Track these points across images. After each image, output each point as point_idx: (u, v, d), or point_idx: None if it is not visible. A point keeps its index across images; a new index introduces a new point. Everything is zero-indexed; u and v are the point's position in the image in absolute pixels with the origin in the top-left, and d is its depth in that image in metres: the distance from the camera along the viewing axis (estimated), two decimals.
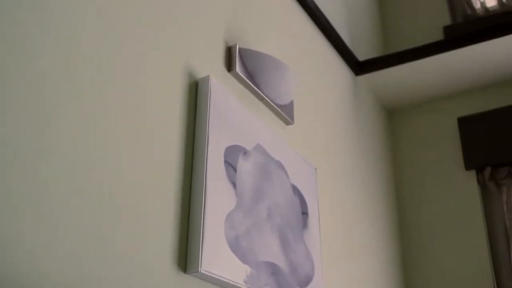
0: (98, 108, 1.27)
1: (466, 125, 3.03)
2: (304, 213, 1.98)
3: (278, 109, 2.00)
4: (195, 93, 1.62)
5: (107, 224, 1.22)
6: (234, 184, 1.62)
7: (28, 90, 1.11)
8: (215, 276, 1.44)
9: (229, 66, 1.82)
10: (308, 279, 1.89)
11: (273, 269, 1.70)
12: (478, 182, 2.95)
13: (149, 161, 1.38)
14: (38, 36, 1.16)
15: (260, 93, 1.91)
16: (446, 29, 3.24)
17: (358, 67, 2.94)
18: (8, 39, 1.09)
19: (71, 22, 1.25)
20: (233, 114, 1.71)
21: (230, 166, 1.63)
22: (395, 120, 3.29)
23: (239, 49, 1.85)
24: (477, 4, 3.33)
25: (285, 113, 2.04)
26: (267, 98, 1.94)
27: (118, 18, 1.40)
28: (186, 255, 1.42)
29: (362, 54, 3.00)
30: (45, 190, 1.10)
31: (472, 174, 2.97)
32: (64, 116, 1.18)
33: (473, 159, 2.96)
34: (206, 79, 1.63)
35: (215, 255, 1.46)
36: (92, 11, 1.32)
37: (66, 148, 1.17)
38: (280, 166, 1.91)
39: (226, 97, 1.70)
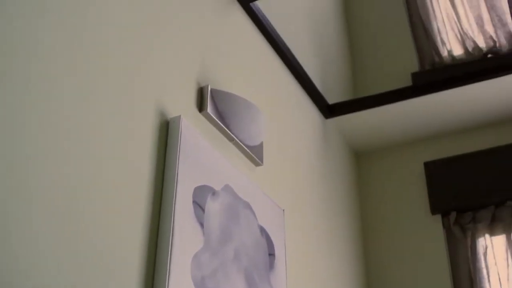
0: (70, 142, 1.27)
1: (432, 169, 3.09)
2: (271, 254, 1.98)
3: (247, 150, 2.02)
4: (166, 133, 1.63)
5: (74, 261, 1.21)
6: (202, 225, 1.62)
7: None
8: None
9: (201, 106, 1.84)
10: None
11: None
12: (444, 226, 2.99)
13: (117, 199, 1.38)
14: None
15: (230, 134, 1.93)
16: (414, 75, 3.32)
17: (328, 110, 2.98)
18: None
19: (47, 62, 1.26)
20: (203, 155, 1.72)
21: (199, 206, 1.63)
22: (363, 163, 3.34)
23: (211, 90, 1.87)
24: (444, 52, 3.41)
25: (255, 154, 2.06)
26: (237, 139, 1.96)
27: (92, 54, 1.41)
28: None
29: (332, 97, 3.04)
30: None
31: (438, 218, 3.01)
32: (39, 153, 1.18)
33: (438, 203, 3.00)
34: (177, 119, 1.64)
35: None
36: (66, 47, 1.33)
37: (39, 186, 1.16)
38: (248, 207, 1.92)
39: (197, 137, 1.71)
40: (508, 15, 3.28)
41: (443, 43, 3.43)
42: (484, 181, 2.95)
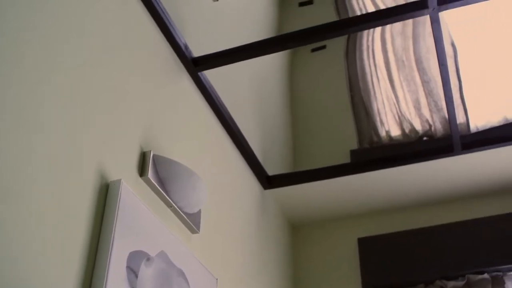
0: (6, 204, 1.26)
1: (366, 245, 3.14)
2: None
3: (185, 217, 2.02)
4: (105, 196, 1.63)
5: None
6: None
7: None
8: None
9: (142, 171, 1.85)
10: None
11: None
12: None
13: (51, 259, 1.36)
14: None
15: (170, 200, 1.94)
16: (353, 153, 3.41)
17: (267, 181, 3.02)
18: None
19: None
20: (140, 220, 1.72)
21: (132, 271, 1.62)
22: (299, 236, 3.37)
23: (154, 155, 1.89)
24: (382, 132, 3.53)
25: (192, 221, 2.06)
26: (175, 206, 1.96)
27: (35, 112, 1.41)
28: None
29: (272, 169, 3.09)
30: None
31: None
32: None
33: (370, 279, 3.04)
34: (118, 182, 1.65)
35: None
36: (7, 103, 1.33)
37: None
38: (182, 274, 1.91)
39: (136, 202, 1.71)
40: (444, 101, 3.44)
41: (382, 123, 3.55)
42: (416, 260, 3.02)
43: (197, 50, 2.31)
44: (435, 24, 2.20)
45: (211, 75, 2.41)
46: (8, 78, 1.34)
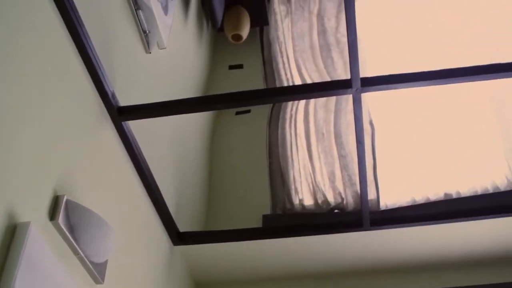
0: None
1: None
2: None
3: (91, 266, 1.98)
4: (10, 238, 1.58)
5: None
6: None
7: None
8: None
9: (53, 215, 1.81)
10: None
11: None
12: None
13: None
14: None
15: (77, 247, 1.89)
16: (265, 218, 3.45)
17: (177, 237, 3.00)
18: None
19: None
20: (45, 265, 1.67)
21: None
22: None
23: (67, 200, 1.85)
24: (296, 201, 3.60)
25: (97, 271, 2.02)
26: (82, 254, 1.92)
27: None
28: None
29: (184, 226, 3.08)
30: None
31: None
32: None
33: None
34: (26, 224, 1.60)
35: None
36: None
37: None
38: None
39: (42, 246, 1.67)
40: (357, 177, 3.56)
41: (297, 191, 3.63)
42: None
43: (124, 99, 2.32)
44: (357, 104, 2.30)
45: (135, 126, 2.41)
46: None
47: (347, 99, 3.81)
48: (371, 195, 3.52)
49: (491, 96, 3.93)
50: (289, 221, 3.46)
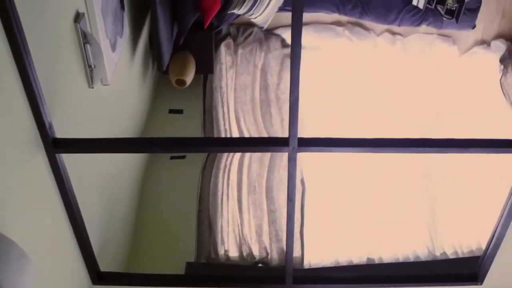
0: None
1: None
2: None
3: None
4: None
5: None
6: None
7: None
8: None
9: None
10: None
11: None
12: None
13: None
14: None
15: None
16: (188, 265, 3.43)
17: (97, 276, 2.94)
18: None
19: None
20: None
21: None
22: None
23: None
24: (221, 251, 3.60)
25: None
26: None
27: None
28: None
29: (105, 265, 3.02)
30: None
31: None
32: None
33: None
34: None
35: None
36: None
37: None
38: None
39: None
40: (284, 233, 3.59)
41: (223, 242, 3.63)
42: None
43: (61, 132, 2.29)
44: (292, 162, 2.35)
45: (68, 159, 2.38)
46: None
47: (282, 156, 3.88)
48: (296, 252, 3.56)
49: (422, 168, 4.08)
50: (212, 270, 3.45)
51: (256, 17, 3.90)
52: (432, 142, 2.39)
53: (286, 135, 2.26)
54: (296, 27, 2.00)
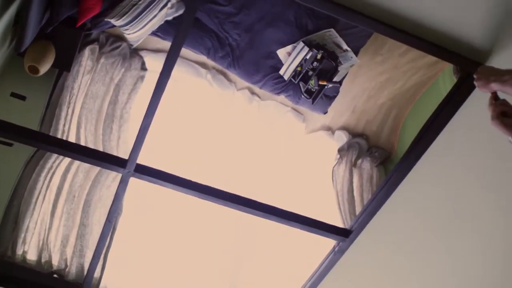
0: None
1: None
2: None
3: None
4: None
5: None
6: None
7: None
8: None
9: None
10: None
11: None
12: None
13: None
14: None
15: None
16: None
17: None
18: None
19: None
20: None
21: None
22: None
23: None
24: (19, 250, 3.43)
25: None
26: None
27: None
28: None
29: None
30: None
31: None
32: None
33: None
34: None
35: None
36: None
37: None
38: None
39: None
40: (91, 252, 3.50)
41: (24, 242, 3.46)
42: None
43: None
44: (122, 184, 2.34)
45: None
46: None
47: (109, 174, 3.80)
48: (96, 272, 3.49)
49: (240, 229, 4.22)
50: (4, 269, 3.27)
51: (130, 34, 3.87)
52: (260, 206, 2.50)
53: (120, 154, 2.25)
54: (170, 60, 2.03)
